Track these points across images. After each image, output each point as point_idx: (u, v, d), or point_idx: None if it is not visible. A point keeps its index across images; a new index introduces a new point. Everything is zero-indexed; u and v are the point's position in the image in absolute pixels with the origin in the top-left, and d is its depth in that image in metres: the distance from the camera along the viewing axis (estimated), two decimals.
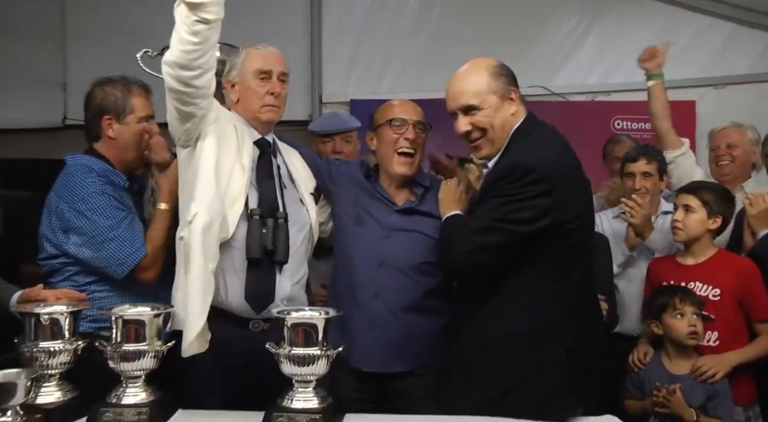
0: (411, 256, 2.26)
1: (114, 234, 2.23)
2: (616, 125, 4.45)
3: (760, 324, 2.56)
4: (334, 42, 4.58)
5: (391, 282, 2.24)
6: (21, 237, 4.88)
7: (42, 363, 1.89)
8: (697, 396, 2.43)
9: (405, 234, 2.28)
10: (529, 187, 1.93)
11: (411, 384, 2.24)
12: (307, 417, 1.79)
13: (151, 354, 1.89)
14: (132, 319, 1.89)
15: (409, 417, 2.09)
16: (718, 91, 4.41)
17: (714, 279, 2.57)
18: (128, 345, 1.87)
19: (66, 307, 1.96)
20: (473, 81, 2.07)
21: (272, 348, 1.86)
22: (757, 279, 2.55)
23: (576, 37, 4.54)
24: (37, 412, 1.79)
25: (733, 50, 4.39)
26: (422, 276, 2.26)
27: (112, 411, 1.83)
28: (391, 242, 2.27)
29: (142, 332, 1.88)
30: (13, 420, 1.69)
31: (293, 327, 1.84)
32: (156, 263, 2.29)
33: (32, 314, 1.92)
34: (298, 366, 1.83)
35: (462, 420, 2.03)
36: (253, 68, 2.22)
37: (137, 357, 1.87)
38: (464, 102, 2.06)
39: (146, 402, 1.87)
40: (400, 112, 2.33)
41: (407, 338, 2.23)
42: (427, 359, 2.25)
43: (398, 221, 2.30)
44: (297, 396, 1.84)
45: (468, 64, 2.13)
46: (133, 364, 1.88)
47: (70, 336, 1.94)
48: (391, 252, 2.26)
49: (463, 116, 2.07)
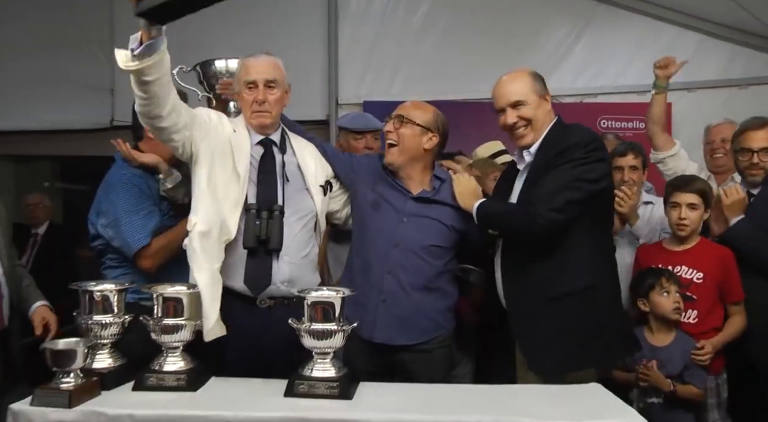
0: (423, 239, 2.24)
1: (129, 219, 2.27)
2: (602, 124, 4.46)
3: (733, 305, 2.57)
4: (349, 49, 4.58)
5: (404, 261, 2.22)
6: (77, 226, 4.93)
7: (95, 333, 1.91)
8: (675, 365, 2.44)
9: (419, 219, 2.26)
10: (593, 153, 2.10)
11: (417, 358, 2.23)
12: (326, 385, 1.79)
13: (188, 328, 1.90)
14: (171, 297, 1.90)
15: (418, 385, 2.08)
16: (691, 94, 4.42)
17: (698, 264, 2.56)
18: (168, 320, 1.88)
19: (115, 286, 1.98)
20: (519, 82, 2.22)
21: (294, 324, 1.85)
22: (734, 266, 2.55)
23: (566, 46, 4.58)
24: (93, 375, 1.83)
25: (703, 58, 4.40)
26: (433, 258, 2.25)
27: (155, 377, 1.85)
28: (405, 225, 2.25)
29: (180, 308, 1.89)
30: (74, 381, 1.74)
31: (313, 305, 1.83)
32: (156, 257, 2.28)
33: (87, 291, 1.94)
34: (317, 339, 1.83)
35: (471, 388, 2.04)
36: (242, 80, 2.22)
37: (176, 330, 1.88)
38: (513, 98, 2.19)
39: (184, 369, 1.88)
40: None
41: (414, 313, 2.22)
42: (432, 334, 2.24)
43: (413, 207, 2.28)
44: (316, 366, 1.84)
45: (512, 71, 2.28)
46: (172, 337, 1.89)
47: (119, 311, 1.95)
48: (406, 234, 2.24)
49: (511, 110, 2.19)
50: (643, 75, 4.39)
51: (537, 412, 1.68)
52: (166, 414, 1.68)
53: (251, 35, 4.25)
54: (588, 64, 4.55)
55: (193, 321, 1.91)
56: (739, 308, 2.56)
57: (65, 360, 1.73)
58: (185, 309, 1.90)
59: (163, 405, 1.73)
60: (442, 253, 2.27)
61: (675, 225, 2.59)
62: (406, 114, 2.29)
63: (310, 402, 1.76)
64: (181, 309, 1.89)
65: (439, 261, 2.26)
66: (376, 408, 1.72)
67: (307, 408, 1.72)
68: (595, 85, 4.54)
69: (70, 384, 1.73)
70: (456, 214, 2.29)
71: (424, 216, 2.27)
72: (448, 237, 2.28)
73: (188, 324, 1.90)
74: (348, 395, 1.79)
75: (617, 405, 1.81)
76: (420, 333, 2.23)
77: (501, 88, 2.25)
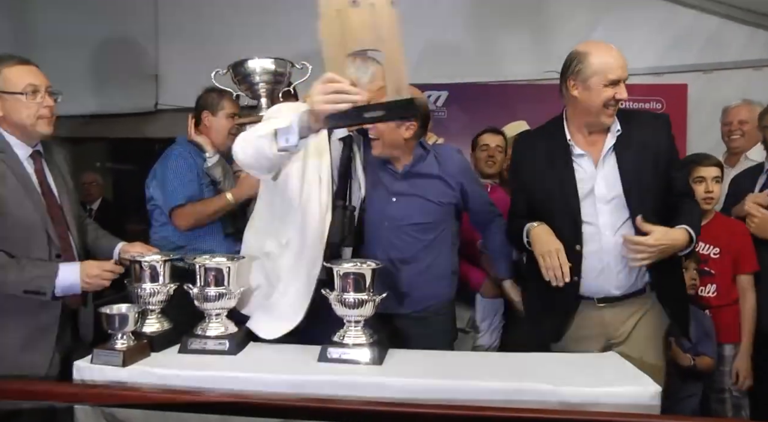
0: (409, 217, 2.20)
1: (173, 183, 2.56)
2: (621, 105, 4.33)
3: (745, 275, 2.50)
4: None
5: (393, 238, 2.19)
6: (125, 202, 5.03)
7: (144, 300, 1.95)
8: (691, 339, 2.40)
9: (407, 198, 2.21)
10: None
11: (416, 325, 2.20)
12: (357, 350, 1.80)
13: (229, 296, 1.92)
14: (214, 267, 1.91)
15: (444, 352, 2.08)
16: (708, 76, 4.27)
17: (715, 239, 2.50)
18: (210, 289, 1.90)
19: (161, 257, 2.01)
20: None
21: (327, 293, 1.86)
22: (749, 239, 2.47)
23: (586, 29, 4.40)
24: (144, 338, 1.87)
25: (721, 41, 4.24)
26: (420, 234, 2.21)
27: (198, 341, 1.88)
28: (394, 205, 2.21)
29: (221, 278, 1.91)
30: (126, 342, 1.79)
31: (345, 276, 1.84)
32: (188, 218, 2.55)
33: (136, 261, 1.98)
34: (348, 308, 1.83)
35: (493, 355, 2.03)
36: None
37: (218, 298, 1.90)
38: (626, 74, 2.01)
39: (225, 334, 1.91)
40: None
41: (405, 285, 2.18)
42: (427, 303, 2.22)
43: (401, 187, 2.22)
44: (348, 333, 1.85)
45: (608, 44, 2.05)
46: (214, 304, 1.91)
47: (165, 280, 1.98)
48: (393, 213, 2.20)
49: (623, 85, 2.00)
50: (661, 57, 4.27)
51: (556, 379, 1.66)
52: (211, 375, 1.71)
53: (285, 23, 4.23)
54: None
55: (232, 289, 1.93)
56: (749, 280, 2.49)
57: (119, 323, 1.78)
58: (226, 279, 1.91)
59: (206, 366, 1.76)
60: (431, 228, 2.23)
61: (702, 199, 2.47)
62: None
63: (343, 367, 1.77)
64: (222, 279, 1.91)
65: (427, 236, 2.22)
66: (404, 374, 1.72)
67: (340, 372, 1.73)
68: None
69: (123, 345, 1.77)
70: (442, 187, 2.23)
71: (411, 194, 2.22)
72: (435, 213, 2.23)
73: (228, 293, 1.91)
74: (378, 360, 1.80)
75: (634, 372, 1.78)
76: (413, 303, 2.20)
77: (622, 58, 2.00)
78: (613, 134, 2.05)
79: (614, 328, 2.08)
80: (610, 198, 2.03)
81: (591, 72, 1.97)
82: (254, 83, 2.61)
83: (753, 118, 3.05)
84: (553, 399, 1.61)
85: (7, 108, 1.95)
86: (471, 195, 2.31)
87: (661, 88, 4.17)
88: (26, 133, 1.99)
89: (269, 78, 2.60)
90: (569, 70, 2.03)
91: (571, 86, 2.03)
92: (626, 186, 2.00)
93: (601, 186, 2.04)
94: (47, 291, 1.91)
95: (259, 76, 2.58)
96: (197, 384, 1.69)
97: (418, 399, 1.60)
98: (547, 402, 1.60)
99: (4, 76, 1.95)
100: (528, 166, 2.16)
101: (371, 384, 1.67)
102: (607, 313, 2.07)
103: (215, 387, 1.68)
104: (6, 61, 1.97)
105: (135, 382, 1.70)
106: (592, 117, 2.03)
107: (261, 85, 2.61)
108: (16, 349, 1.92)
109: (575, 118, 2.08)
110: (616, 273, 2.03)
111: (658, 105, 4.15)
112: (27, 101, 1.95)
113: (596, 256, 2.02)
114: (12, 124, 1.97)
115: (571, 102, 2.07)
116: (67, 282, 1.93)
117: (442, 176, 2.24)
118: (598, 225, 2.03)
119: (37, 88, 1.97)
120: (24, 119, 1.96)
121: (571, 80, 2.03)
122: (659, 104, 4.16)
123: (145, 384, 1.70)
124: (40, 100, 1.97)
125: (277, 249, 2.06)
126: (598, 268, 2.03)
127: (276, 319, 2.01)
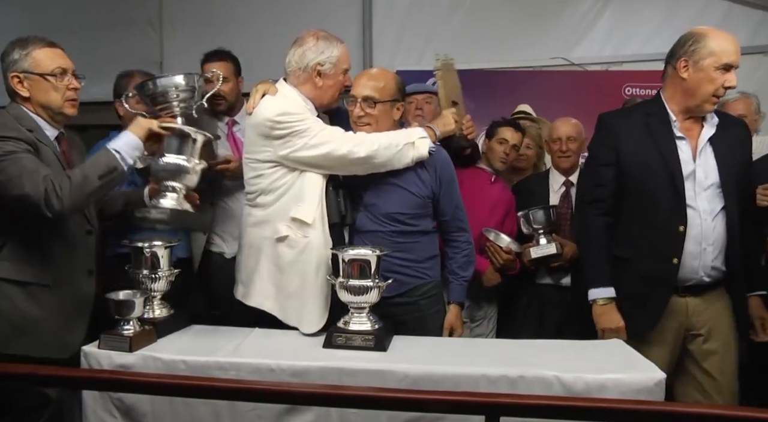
0: (383, 206, 2.12)
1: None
2: (627, 91, 4.29)
3: None
4: (383, 22, 4.50)
5: (369, 224, 2.13)
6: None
7: (146, 287, 1.96)
8: None
9: (383, 186, 2.13)
10: None
11: (404, 310, 2.13)
12: (362, 337, 1.81)
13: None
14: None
15: (448, 339, 2.09)
16: None
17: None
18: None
19: (162, 243, 2.00)
20: None
21: (331, 280, 1.86)
22: None
23: (593, 15, 4.38)
24: (148, 324, 1.88)
25: (729, 26, 4.13)
26: (394, 222, 2.12)
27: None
28: (369, 193, 2.14)
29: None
30: (133, 328, 1.81)
31: (350, 262, 1.83)
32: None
33: (138, 248, 1.97)
34: (353, 295, 1.83)
35: (498, 342, 2.02)
36: (342, 65, 2.12)
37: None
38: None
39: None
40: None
41: (384, 270, 2.03)
42: (409, 286, 2.13)
43: (380, 174, 2.12)
44: (353, 320, 1.85)
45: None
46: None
47: (166, 266, 1.99)
48: (369, 201, 2.14)
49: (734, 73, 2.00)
50: (669, 43, 4.16)
51: (560, 366, 1.67)
52: (216, 361, 1.72)
53: (287, 6, 4.20)
54: (614, 32, 4.34)
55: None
56: None
57: (126, 309, 1.79)
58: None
59: (213, 352, 1.77)
60: (405, 218, 2.13)
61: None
62: (373, 95, 2.10)
63: (347, 353, 1.78)
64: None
65: (400, 226, 2.13)
66: (408, 360, 1.73)
67: (344, 359, 1.74)
68: (621, 54, 4.33)
69: (130, 331, 1.79)
70: (418, 178, 2.13)
71: (389, 183, 2.13)
72: (411, 204, 2.13)
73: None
74: (383, 347, 1.80)
75: (638, 359, 1.78)
76: (394, 287, 2.06)
77: (738, 45, 1.99)
78: (711, 124, 2.07)
79: (695, 319, 2.08)
80: (707, 185, 2.04)
81: (706, 52, 1.96)
82: (166, 103, 2.17)
83: (750, 112, 3.06)
84: (558, 385, 1.61)
85: (36, 89, 1.94)
86: (443, 196, 2.17)
87: None
88: (53, 114, 1.97)
89: (183, 95, 2.19)
90: (682, 49, 2.01)
91: (681, 67, 2.01)
92: (723, 177, 2.03)
93: (700, 172, 2.04)
94: (115, 162, 1.83)
95: (171, 95, 2.15)
96: (204, 370, 1.70)
97: (423, 386, 1.61)
98: (552, 389, 1.60)
99: (33, 58, 1.93)
100: (628, 139, 2.09)
101: (376, 371, 1.68)
102: (690, 303, 2.08)
103: (221, 373, 1.69)
104: (35, 42, 1.95)
105: (142, 367, 1.71)
106: (696, 101, 2.02)
107: (174, 104, 2.18)
108: (47, 326, 1.87)
109: (676, 100, 2.07)
110: (711, 260, 2.04)
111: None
112: (56, 83, 1.94)
113: (695, 240, 2.02)
114: (39, 106, 1.95)
115: (677, 84, 2.05)
116: (123, 141, 1.87)
117: (420, 169, 2.13)
118: (698, 208, 2.03)
119: (66, 71, 1.96)
120: (52, 101, 1.95)
121: (683, 60, 2.01)
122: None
123: (151, 369, 1.71)
124: (68, 82, 1.96)
125: (299, 230, 2.00)
126: (695, 252, 2.03)
127: (313, 311, 1.98)
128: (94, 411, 1.73)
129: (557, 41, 4.23)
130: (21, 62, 1.92)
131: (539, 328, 2.71)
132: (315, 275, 1.98)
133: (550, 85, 4.12)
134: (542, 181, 2.87)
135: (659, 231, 2.03)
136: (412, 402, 1.31)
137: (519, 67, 4.29)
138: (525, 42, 4.25)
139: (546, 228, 2.65)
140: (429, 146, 2.09)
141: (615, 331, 2.04)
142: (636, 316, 2.06)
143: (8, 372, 1.45)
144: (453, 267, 2.23)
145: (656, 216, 2.02)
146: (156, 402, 1.70)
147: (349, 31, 4.38)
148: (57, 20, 4.33)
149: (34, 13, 4.44)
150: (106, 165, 1.82)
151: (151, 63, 4.51)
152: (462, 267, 2.23)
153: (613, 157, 2.10)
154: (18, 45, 1.94)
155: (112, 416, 1.73)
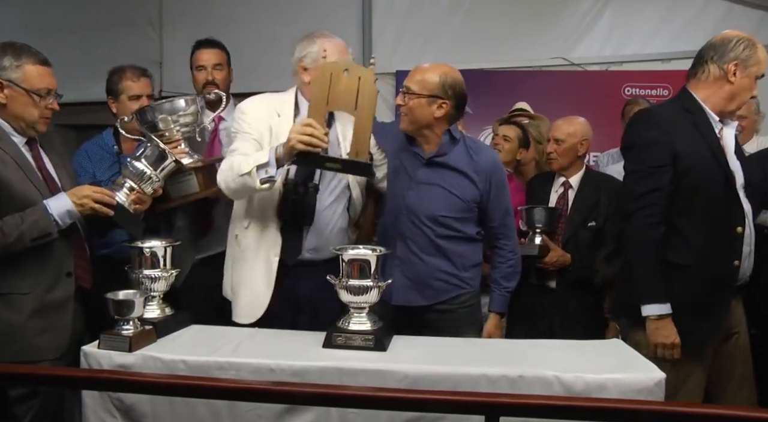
0: (426, 208, 2.12)
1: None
2: (626, 91, 4.30)
3: None
4: (383, 22, 4.50)
5: (411, 227, 2.13)
6: None
7: (146, 287, 1.95)
8: None
9: (427, 187, 2.13)
10: None
11: (440, 318, 2.14)
12: (362, 337, 1.80)
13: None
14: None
15: (449, 339, 2.07)
16: None
17: None
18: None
19: (162, 243, 2.01)
20: None
21: (331, 280, 1.86)
22: None
23: (592, 15, 4.38)
24: (148, 324, 1.88)
25: (729, 26, 4.10)
26: (437, 226, 2.12)
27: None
28: (413, 193, 2.14)
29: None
30: (133, 328, 1.80)
31: (350, 262, 1.83)
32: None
33: (138, 248, 1.97)
34: (353, 295, 1.83)
35: (499, 342, 2.02)
36: (324, 58, 2.11)
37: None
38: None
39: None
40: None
41: (426, 276, 2.11)
42: (449, 295, 2.13)
43: (423, 175, 2.14)
44: (353, 320, 1.84)
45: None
46: None
47: (167, 266, 1.99)
48: (411, 202, 2.13)
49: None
50: (668, 43, 4.21)
51: (560, 366, 1.67)
52: (216, 361, 1.72)
53: (287, 6, 4.20)
54: (614, 32, 4.34)
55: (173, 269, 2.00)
56: None
57: (125, 309, 1.78)
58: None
59: (212, 352, 1.77)
60: (450, 221, 2.11)
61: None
62: (411, 86, 2.09)
63: (347, 353, 1.77)
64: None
65: (443, 229, 2.11)
66: (408, 360, 1.73)
67: (344, 359, 1.73)
68: (621, 54, 4.33)
69: (129, 331, 1.78)
70: (467, 183, 2.12)
71: (432, 183, 2.13)
72: (454, 207, 2.11)
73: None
74: (383, 347, 1.80)
75: (638, 359, 1.78)
76: (434, 295, 2.12)
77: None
78: (733, 127, 2.07)
79: (734, 317, 2.08)
80: (742, 186, 2.04)
81: (755, 60, 1.97)
82: (167, 130, 2.23)
83: (750, 112, 3.08)
84: (557, 385, 1.61)
85: (16, 101, 1.95)
86: (493, 200, 2.15)
87: (668, 74, 4.12)
88: (25, 127, 1.99)
89: (187, 119, 2.24)
90: (733, 52, 1.97)
91: (730, 70, 1.97)
92: (747, 179, 2.05)
93: (738, 173, 2.04)
94: (51, 228, 1.89)
95: (173, 121, 2.21)
96: (204, 370, 1.70)
97: (423, 386, 1.60)
98: (552, 389, 1.60)
99: (24, 72, 1.94)
100: (682, 138, 1.98)
101: (376, 371, 1.68)
102: (733, 304, 2.08)
103: (221, 373, 1.68)
104: (29, 57, 1.96)
105: (141, 367, 1.71)
106: (734, 106, 2.01)
107: (176, 129, 2.24)
108: (31, 331, 1.90)
109: (713, 101, 2.01)
110: (751, 260, 2.05)
111: (665, 91, 4.10)
112: (39, 102, 1.96)
113: (747, 241, 2.02)
114: (12, 115, 1.97)
115: (721, 86, 2.00)
116: (62, 209, 1.92)
117: (469, 173, 2.12)
118: (746, 209, 2.03)
119: (50, 91, 1.99)
120: (28, 115, 1.97)
121: (734, 64, 1.97)
122: (666, 91, 4.11)
123: (151, 369, 1.70)
124: (49, 102, 1.99)
125: (242, 232, 2.16)
126: (746, 253, 2.03)
127: (247, 304, 2.13)
128: (94, 411, 1.72)
129: (557, 41, 4.24)
130: (10, 71, 1.93)
131: (531, 324, 2.68)
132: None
133: (549, 85, 4.13)
134: (546, 181, 2.87)
135: (720, 234, 1.96)
136: (412, 402, 1.31)
137: (519, 67, 4.31)
138: (525, 42, 4.26)
139: (541, 228, 2.63)
140: (269, 174, 1.96)
141: (669, 348, 1.94)
142: (702, 326, 1.98)
143: (8, 372, 1.45)
144: (497, 276, 2.21)
145: (716, 219, 1.96)
146: (156, 402, 1.70)
147: (348, 31, 4.37)
148: (57, 20, 4.33)
149: (34, 13, 4.44)
150: (43, 229, 1.89)
151: (151, 63, 4.50)
152: (506, 277, 2.22)
153: (669, 157, 1.96)
154: (11, 52, 1.95)
155: (112, 416, 1.73)
